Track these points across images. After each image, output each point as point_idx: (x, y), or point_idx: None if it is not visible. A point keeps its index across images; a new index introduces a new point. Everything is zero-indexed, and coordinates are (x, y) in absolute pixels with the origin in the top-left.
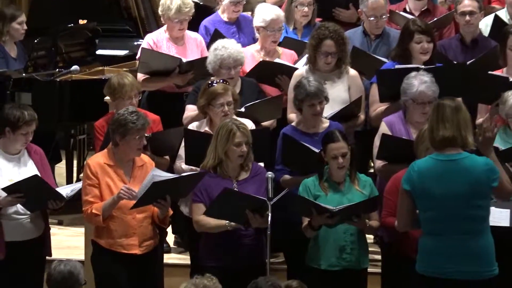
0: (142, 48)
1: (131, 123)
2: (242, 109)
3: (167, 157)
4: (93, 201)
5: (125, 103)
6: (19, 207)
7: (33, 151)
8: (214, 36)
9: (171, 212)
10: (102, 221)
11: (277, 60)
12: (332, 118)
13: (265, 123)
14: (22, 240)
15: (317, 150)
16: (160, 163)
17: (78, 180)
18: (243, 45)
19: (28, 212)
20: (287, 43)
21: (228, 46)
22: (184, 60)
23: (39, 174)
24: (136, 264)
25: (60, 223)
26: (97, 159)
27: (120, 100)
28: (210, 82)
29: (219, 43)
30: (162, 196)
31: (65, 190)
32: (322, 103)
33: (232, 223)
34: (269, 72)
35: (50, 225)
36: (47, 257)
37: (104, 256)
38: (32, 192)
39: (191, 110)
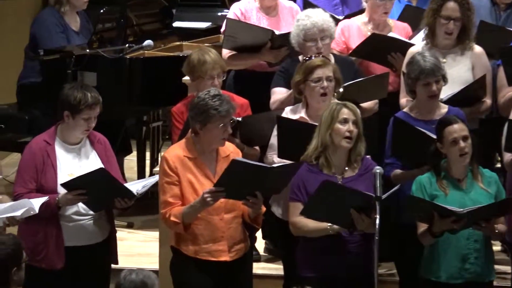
0: (227, 19)
1: (213, 109)
2: (340, 89)
3: (257, 147)
4: (173, 201)
5: (206, 83)
6: (81, 206)
7: (97, 140)
8: (304, 6)
9: (264, 209)
10: (184, 230)
11: (390, 34)
12: (451, 101)
13: (365, 105)
14: (84, 245)
15: (434, 136)
16: (249, 154)
17: (151, 175)
18: (348, 17)
19: (91, 213)
20: (407, 11)
21: (312, 15)
22: (277, 33)
23: (102, 167)
24: (225, 273)
25: (130, 226)
26: (176, 152)
27: (200, 80)
28: (307, 57)
29: (302, 13)
30: (250, 191)
31: (135, 186)
32: (439, 82)
33: (335, 227)
34: (381, 48)
35: (117, 228)
36: (113, 266)
37: (188, 265)
38: (96, 189)
39: (278, 93)
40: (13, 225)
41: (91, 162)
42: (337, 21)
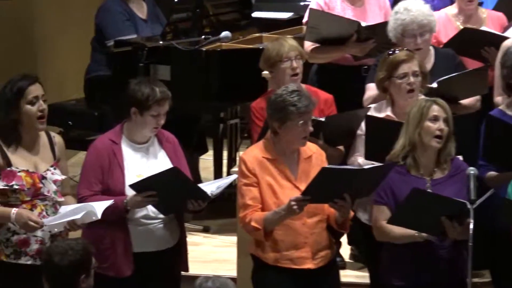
0: (310, 9)
1: (291, 105)
2: (434, 85)
3: (341, 147)
4: (253, 204)
5: (284, 69)
6: (150, 209)
7: (165, 139)
8: None
9: (352, 213)
10: (265, 237)
11: (483, 28)
12: None
13: (465, 101)
14: (154, 250)
15: None
16: (333, 155)
17: (228, 175)
18: (437, 9)
19: (161, 216)
20: (503, 0)
21: (411, 8)
22: (363, 24)
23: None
24: (309, 281)
25: (206, 230)
26: (254, 153)
27: (277, 66)
28: (391, 51)
29: (401, 4)
30: (338, 194)
31: (210, 187)
32: None
33: (423, 234)
34: (473, 42)
35: (192, 233)
36: (186, 273)
37: (269, 273)
38: (167, 190)
39: (372, 89)
40: (74, 230)
41: (160, 162)
42: None
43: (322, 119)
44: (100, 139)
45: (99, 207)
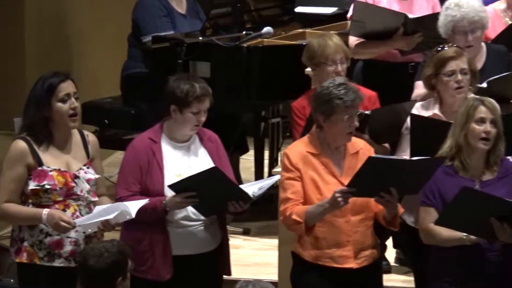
0: (355, 2)
1: (337, 98)
2: (484, 84)
3: (386, 145)
4: (294, 198)
5: (328, 71)
6: (190, 210)
7: (207, 137)
8: None
9: (401, 210)
10: (305, 231)
11: None
12: None
13: None
14: (194, 254)
15: None
16: (377, 152)
17: (270, 175)
18: (486, 4)
19: (202, 218)
20: None
21: (462, 4)
22: (410, 17)
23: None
24: (351, 282)
25: (246, 232)
26: (298, 148)
27: (322, 67)
28: (440, 47)
29: (452, 0)
30: (385, 187)
31: (251, 188)
32: None
33: (472, 237)
34: None
35: (232, 235)
36: (225, 277)
37: (309, 272)
38: (207, 191)
39: (421, 87)
40: (108, 230)
41: (201, 161)
42: None
43: (368, 112)
44: (139, 137)
45: (133, 206)
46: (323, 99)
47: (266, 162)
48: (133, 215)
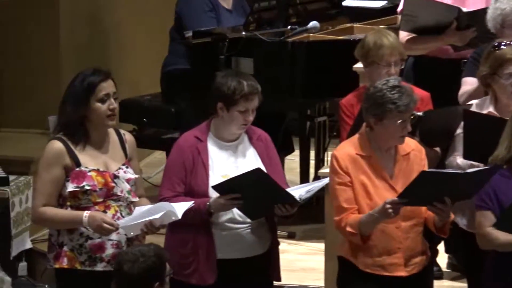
0: None
1: (391, 103)
2: None
3: (437, 149)
4: (348, 207)
5: (380, 71)
6: (236, 213)
7: (256, 137)
8: None
9: (452, 216)
10: (362, 241)
11: None
12: None
13: None
14: (241, 258)
15: None
16: (428, 156)
17: (316, 177)
18: None
19: (249, 220)
20: None
21: None
22: (464, 10)
23: (263, 168)
24: None
25: (291, 236)
26: (346, 149)
27: (375, 67)
28: (496, 43)
29: None
30: (438, 197)
31: (299, 191)
32: None
33: None
34: None
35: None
36: (275, 283)
37: (357, 279)
38: (252, 193)
39: (469, 84)
40: (153, 232)
41: (249, 162)
42: None
43: (420, 114)
44: (184, 136)
45: (179, 207)
46: (376, 102)
47: (312, 162)
48: (179, 216)
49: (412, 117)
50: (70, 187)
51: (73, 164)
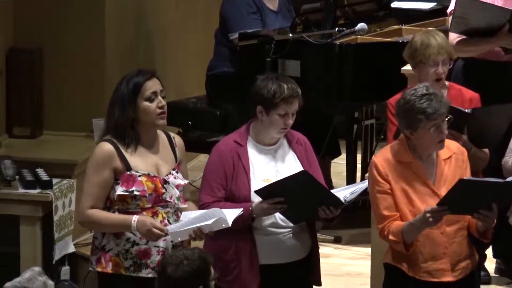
0: None
1: (421, 112)
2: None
3: (486, 150)
4: (389, 214)
5: (428, 71)
6: (279, 217)
7: (296, 140)
8: None
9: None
10: (406, 249)
11: None
12: None
13: None
14: (283, 262)
15: None
16: (475, 155)
17: (363, 180)
18: None
19: (291, 225)
20: None
21: None
22: None
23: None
24: None
25: (337, 240)
26: (386, 155)
27: (422, 66)
28: None
29: None
30: (481, 205)
31: (343, 193)
32: None
33: None
34: None
35: (323, 243)
36: (314, 287)
37: (403, 285)
38: (296, 196)
39: None
40: (200, 239)
41: (289, 165)
42: None
43: (468, 110)
44: (224, 140)
45: (229, 214)
46: (406, 113)
47: (359, 166)
48: (230, 224)
49: (458, 111)
50: (119, 190)
51: (123, 167)
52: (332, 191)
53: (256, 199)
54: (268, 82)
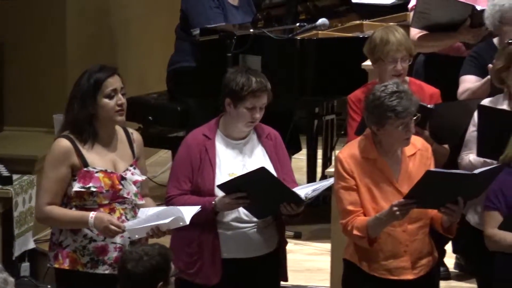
0: None
1: (390, 110)
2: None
3: (447, 146)
4: (354, 209)
5: (387, 68)
6: (242, 212)
7: (266, 135)
8: None
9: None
10: (369, 244)
11: None
12: None
13: None
14: (247, 257)
15: None
16: (437, 152)
17: (323, 176)
18: None
19: (255, 220)
20: None
21: None
22: (478, 8)
23: (271, 167)
24: None
25: (297, 236)
26: (351, 151)
27: (381, 63)
28: (511, 39)
29: None
30: (448, 198)
31: (304, 190)
32: None
33: None
34: None
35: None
36: (282, 283)
37: (363, 282)
38: (258, 192)
39: (468, 81)
40: (158, 237)
41: (257, 160)
42: None
43: (431, 106)
44: (192, 133)
45: (187, 212)
46: (375, 110)
47: (319, 161)
48: (187, 222)
49: (421, 107)
50: (76, 187)
51: (81, 164)
52: (295, 188)
53: (220, 193)
54: (237, 75)
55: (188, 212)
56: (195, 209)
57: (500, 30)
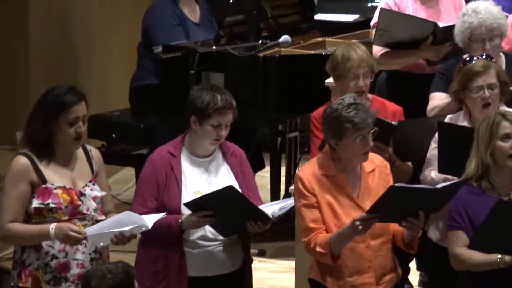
0: (381, 9)
1: (347, 122)
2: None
3: (409, 163)
4: (315, 227)
5: (348, 84)
6: (208, 230)
7: (230, 153)
8: None
9: (420, 232)
10: (333, 260)
11: None
12: None
13: None
14: (212, 275)
15: None
16: (400, 169)
17: (287, 194)
18: (507, 11)
19: (221, 238)
20: None
21: (480, 10)
22: (440, 25)
23: (236, 185)
24: None
25: (261, 253)
26: (311, 169)
27: (343, 80)
28: (467, 58)
29: (469, 6)
30: (409, 212)
31: (271, 208)
32: None
33: (506, 258)
34: None
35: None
36: None
37: None
38: (225, 210)
39: (437, 98)
40: (123, 243)
41: (222, 178)
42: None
43: (395, 123)
44: (158, 151)
45: (148, 219)
46: (332, 123)
47: (282, 179)
48: (150, 226)
49: (385, 123)
50: (35, 203)
51: (39, 181)
52: (261, 206)
53: (186, 211)
54: (202, 92)
55: (150, 218)
56: (159, 215)
57: (469, 47)
